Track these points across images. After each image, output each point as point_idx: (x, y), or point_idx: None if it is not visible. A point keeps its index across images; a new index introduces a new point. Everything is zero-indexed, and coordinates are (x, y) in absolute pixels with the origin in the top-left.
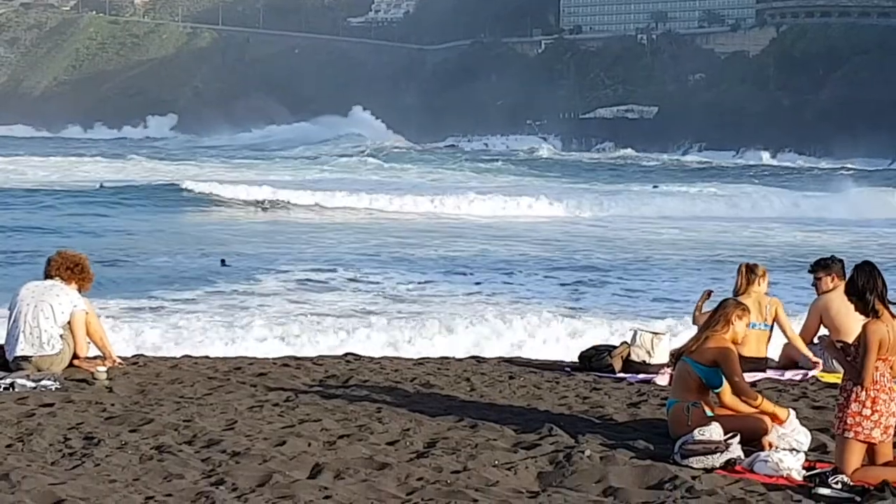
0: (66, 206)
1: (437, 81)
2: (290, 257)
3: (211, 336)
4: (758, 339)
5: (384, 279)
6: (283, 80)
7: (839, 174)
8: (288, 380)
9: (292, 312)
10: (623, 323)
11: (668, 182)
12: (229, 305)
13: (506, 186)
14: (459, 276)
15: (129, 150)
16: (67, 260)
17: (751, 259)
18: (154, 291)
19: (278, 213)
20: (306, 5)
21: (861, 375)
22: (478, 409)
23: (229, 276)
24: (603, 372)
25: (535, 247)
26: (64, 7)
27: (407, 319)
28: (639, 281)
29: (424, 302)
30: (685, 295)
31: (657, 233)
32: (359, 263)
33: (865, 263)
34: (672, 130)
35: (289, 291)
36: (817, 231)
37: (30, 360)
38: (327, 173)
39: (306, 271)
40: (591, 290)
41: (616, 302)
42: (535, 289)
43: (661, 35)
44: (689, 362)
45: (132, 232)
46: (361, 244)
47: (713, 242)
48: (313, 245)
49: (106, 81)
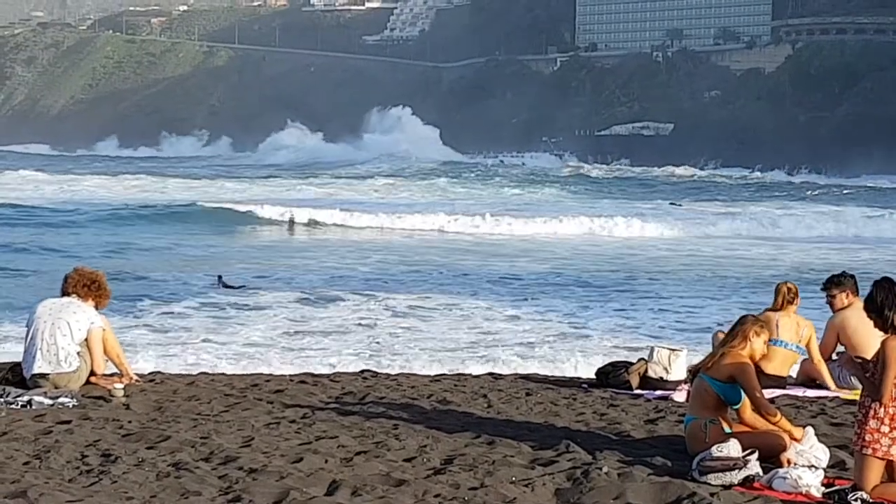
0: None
1: (453, 99)
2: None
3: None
4: (785, 358)
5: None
6: (299, 97)
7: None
8: (305, 396)
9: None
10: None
11: (743, 200)
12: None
13: (585, 205)
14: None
15: (170, 167)
16: (84, 277)
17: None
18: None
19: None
20: (322, 24)
21: (879, 392)
22: (495, 425)
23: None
24: (620, 388)
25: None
26: (81, 27)
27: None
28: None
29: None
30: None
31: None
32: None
33: (885, 280)
34: (688, 147)
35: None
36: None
37: (47, 377)
38: (409, 194)
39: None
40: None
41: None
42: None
43: (676, 52)
44: (707, 379)
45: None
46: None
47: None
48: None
49: (123, 100)
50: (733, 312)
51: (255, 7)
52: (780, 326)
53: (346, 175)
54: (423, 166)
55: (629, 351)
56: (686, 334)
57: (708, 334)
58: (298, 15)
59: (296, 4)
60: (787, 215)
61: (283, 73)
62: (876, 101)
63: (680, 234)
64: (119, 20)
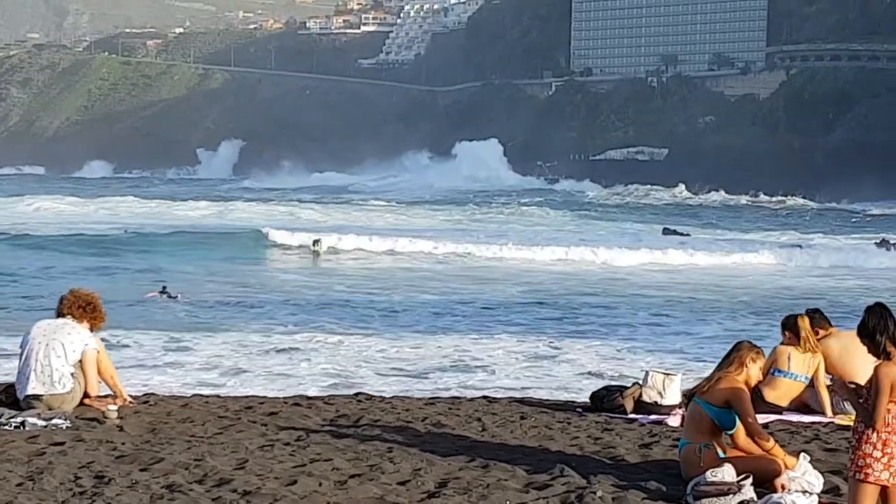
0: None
1: (448, 122)
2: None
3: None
4: (790, 389)
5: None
6: (295, 120)
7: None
8: (299, 419)
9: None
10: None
11: (739, 228)
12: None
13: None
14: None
15: (198, 192)
16: (80, 299)
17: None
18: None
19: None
20: (318, 47)
21: (873, 418)
22: (489, 449)
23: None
24: (614, 412)
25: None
26: (77, 48)
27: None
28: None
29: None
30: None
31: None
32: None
33: (877, 305)
34: (683, 172)
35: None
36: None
37: (41, 398)
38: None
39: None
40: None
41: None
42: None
43: (671, 78)
44: (701, 403)
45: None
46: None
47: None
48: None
49: (118, 122)
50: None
51: (251, 30)
52: (791, 359)
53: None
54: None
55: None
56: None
57: (700, 363)
58: (294, 38)
59: (291, 27)
60: (786, 245)
61: (279, 95)
62: (870, 128)
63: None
64: (115, 42)
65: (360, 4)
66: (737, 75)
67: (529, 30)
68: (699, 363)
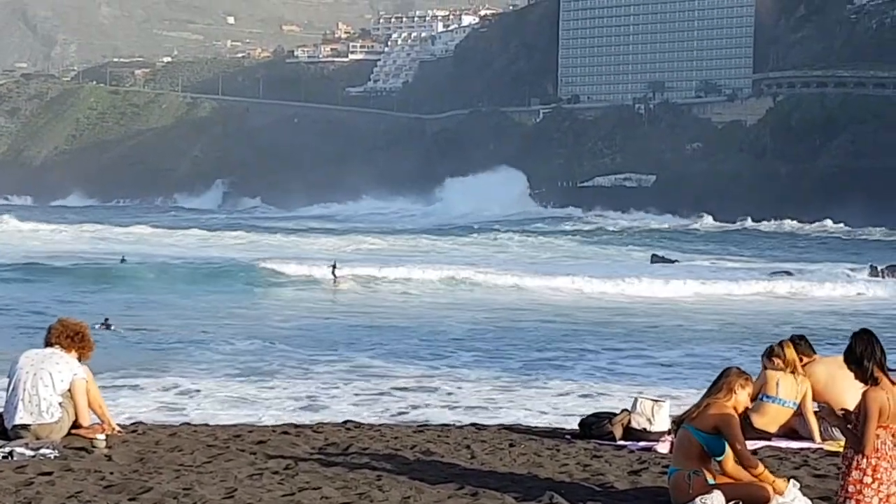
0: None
1: (436, 149)
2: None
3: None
4: (778, 414)
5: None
6: (283, 148)
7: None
8: (288, 447)
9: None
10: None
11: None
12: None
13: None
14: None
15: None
16: (68, 328)
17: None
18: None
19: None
20: (306, 75)
21: (862, 443)
22: (478, 476)
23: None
24: (604, 439)
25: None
26: (65, 78)
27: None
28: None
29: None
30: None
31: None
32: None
33: (863, 331)
34: (670, 199)
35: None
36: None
37: (28, 428)
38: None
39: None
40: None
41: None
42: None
43: (658, 104)
44: (691, 430)
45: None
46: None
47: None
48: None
49: (106, 151)
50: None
51: (239, 59)
52: (780, 385)
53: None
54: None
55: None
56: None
57: (688, 391)
58: (282, 67)
59: (279, 56)
60: (773, 272)
61: (267, 124)
62: (857, 154)
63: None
64: (103, 71)
65: (348, 33)
66: (724, 102)
67: (517, 57)
68: (689, 391)
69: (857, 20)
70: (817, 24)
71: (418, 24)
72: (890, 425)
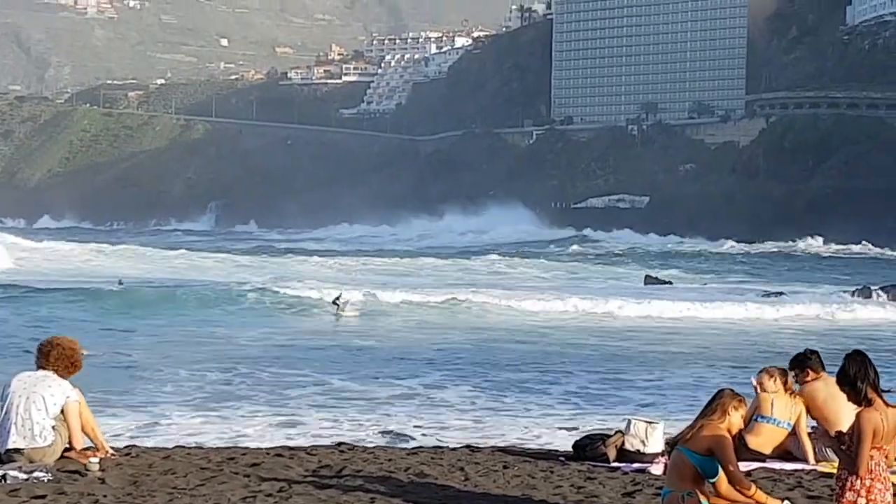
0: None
1: (430, 171)
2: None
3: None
4: (773, 435)
5: None
6: (277, 170)
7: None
8: (281, 470)
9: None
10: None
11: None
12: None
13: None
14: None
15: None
16: (62, 352)
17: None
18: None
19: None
20: (299, 97)
21: (856, 465)
22: (472, 499)
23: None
24: (597, 461)
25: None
26: (58, 100)
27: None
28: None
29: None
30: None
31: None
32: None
33: (856, 353)
34: (664, 220)
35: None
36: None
37: (22, 452)
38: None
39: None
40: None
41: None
42: None
43: (651, 125)
44: (684, 451)
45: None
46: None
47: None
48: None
49: (100, 173)
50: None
51: (232, 81)
52: (774, 405)
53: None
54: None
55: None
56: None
57: (677, 418)
58: (275, 88)
59: (273, 78)
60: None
61: (261, 146)
62: (850, 175)
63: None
64: (96, 94)
65: (341, 55)
66: (717, 123)
67: (510, 79)
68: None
69: (850, 41)
70: (810, 46)
71: (411, 46)
72: (884, 446)
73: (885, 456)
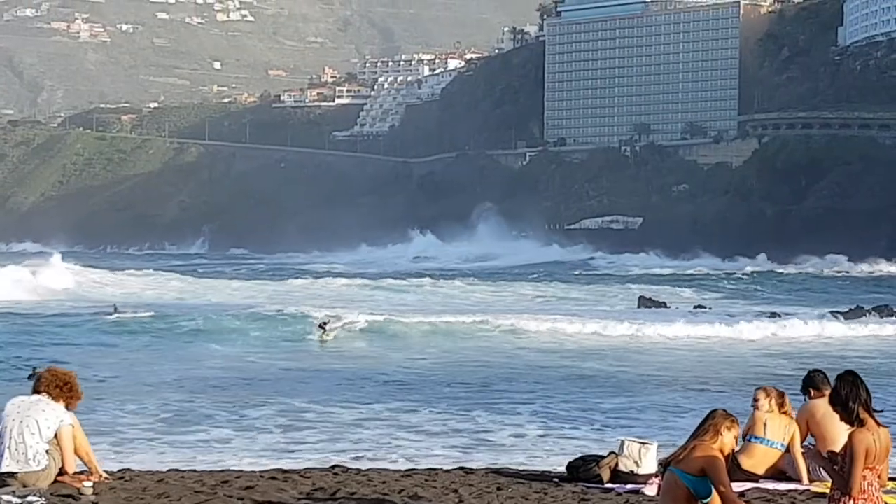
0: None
1: (423, 193)
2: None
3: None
4: (766, 455)
5: None
6: (270, 193)
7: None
8: (275, 493)
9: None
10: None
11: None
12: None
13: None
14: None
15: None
16: (57, 378)
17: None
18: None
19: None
20: (293, 120)
21: (849, 485)
22: None
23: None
24: (591, 482)
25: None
26: (51, 124)
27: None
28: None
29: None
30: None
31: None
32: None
33: (847, 373)
34: (657, 241)
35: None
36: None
37: (15, 476)
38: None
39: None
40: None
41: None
42: None
43: (644, 147)
44: (677, 472)
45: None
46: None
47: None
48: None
49: (93, 196)
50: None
51: (226, 104)
52: (767, 426)
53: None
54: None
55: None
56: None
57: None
58: (268, 111)
59: (266, 101)
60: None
61: (254, 168)
62: (843, 195)
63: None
64: (89, 117)
65: (334, 77)
66: (709, 144)
67: (503, 101)
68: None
69: (842, 62)
70: (802, 66)
71: (404, 68)
72: (876, 466)
73: (878, 476)
